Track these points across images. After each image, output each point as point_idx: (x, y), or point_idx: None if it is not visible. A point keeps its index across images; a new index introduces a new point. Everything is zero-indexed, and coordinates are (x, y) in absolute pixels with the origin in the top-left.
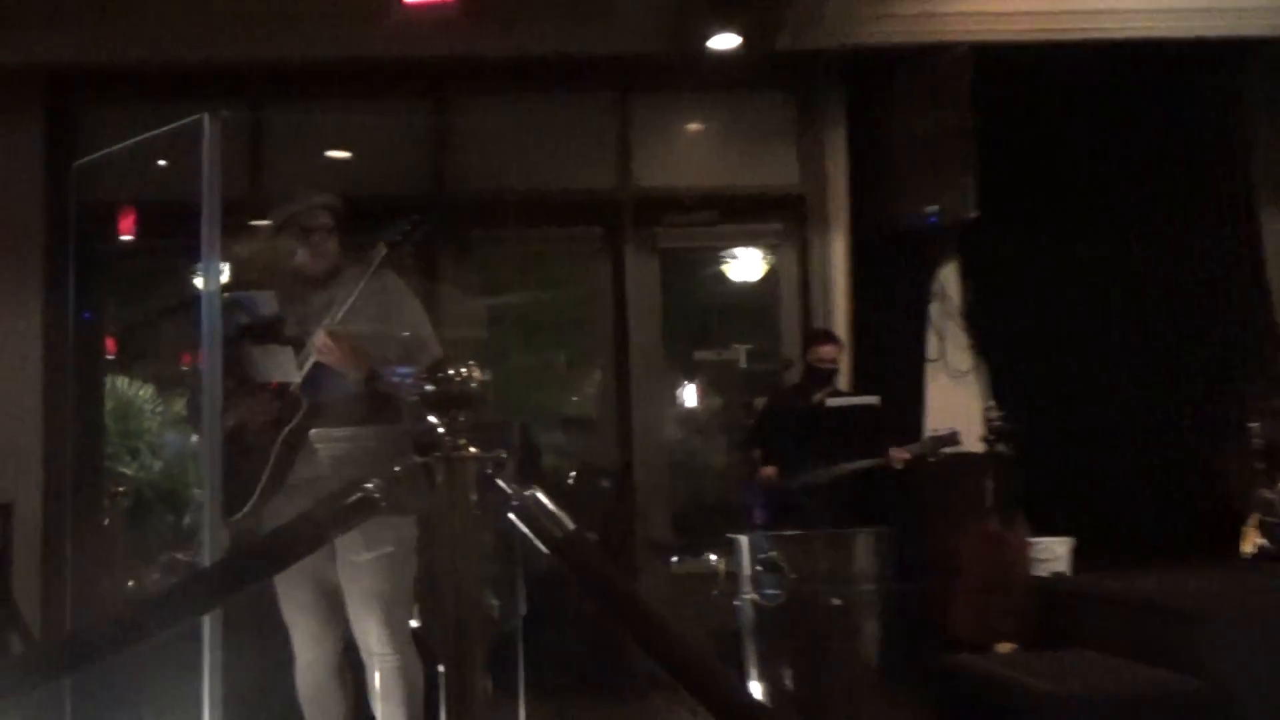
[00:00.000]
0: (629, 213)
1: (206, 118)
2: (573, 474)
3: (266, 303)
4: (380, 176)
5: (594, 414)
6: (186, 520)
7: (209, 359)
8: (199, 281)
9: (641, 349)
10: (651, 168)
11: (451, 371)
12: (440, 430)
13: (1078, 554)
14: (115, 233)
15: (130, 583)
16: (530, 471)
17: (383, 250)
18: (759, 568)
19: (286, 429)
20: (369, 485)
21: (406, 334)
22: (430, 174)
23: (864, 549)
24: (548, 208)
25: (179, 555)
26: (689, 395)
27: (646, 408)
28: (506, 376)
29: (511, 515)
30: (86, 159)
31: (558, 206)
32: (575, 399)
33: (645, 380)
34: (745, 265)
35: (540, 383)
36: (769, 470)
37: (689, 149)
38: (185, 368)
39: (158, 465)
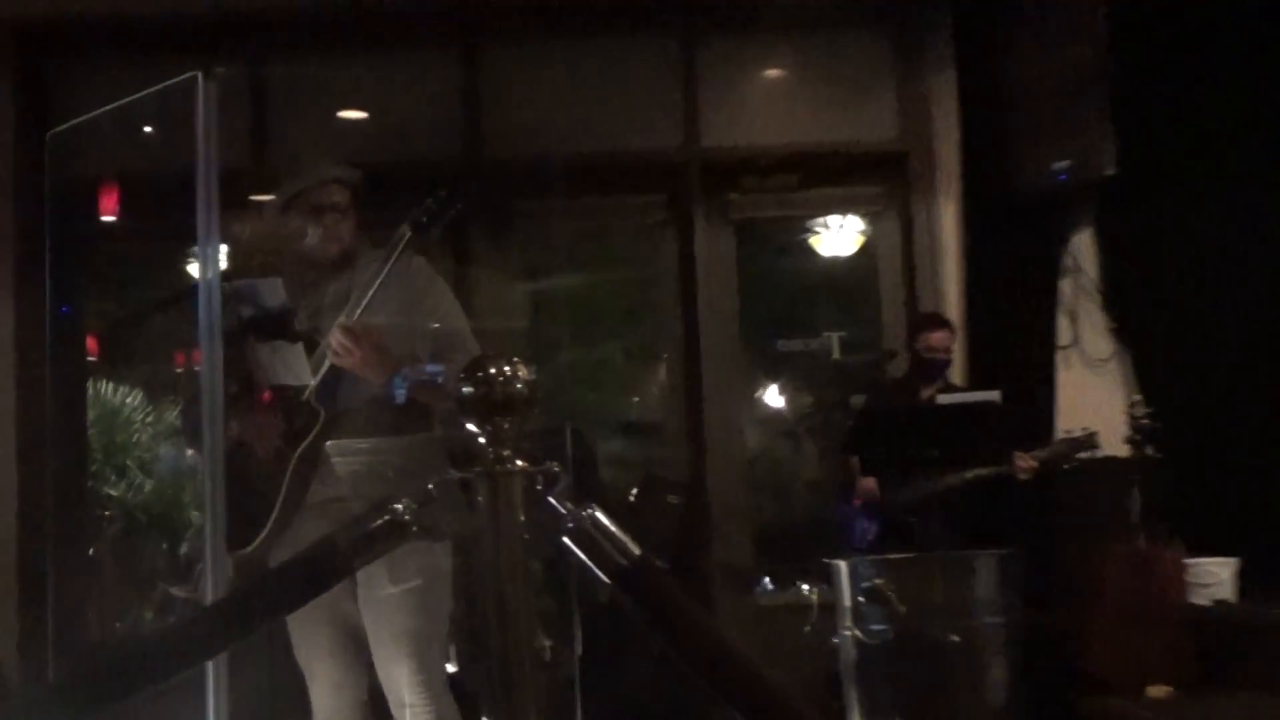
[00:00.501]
0: (697, 178)
1: (200, 77)
2: (635, 489)
3: (272, 292)
4: (403, 142)
5: (659, 417)
6: (183, 550)
7: (208, 359)
8: (194, 268)
9: (714, 339)
10: (723, 124)
11: (493, 370)
12: (481, 440)
13: (1244, 576)
14: (96, 212)
15: (119, 622)
16: (587, 487)
17: (406, 234)
18: (861, 598)
19: (302, 444)
20: (397, 506)
21: (437, 326)
22: (462, 137)
23: (986, 574)
24: (600, 174)
25: (175, 590)
26: (772, 393)
27: (722, 409)
28: (556, 374)
29: (566, 539)
30: (62, 126)
31: (612, 172)
32: (637, 399)
33: (720, 376)
34: (837, 238)
35: (595, 381)
36: (870, 482)
37: (767, 100)
38: (180, 370)
39: (149, 485)
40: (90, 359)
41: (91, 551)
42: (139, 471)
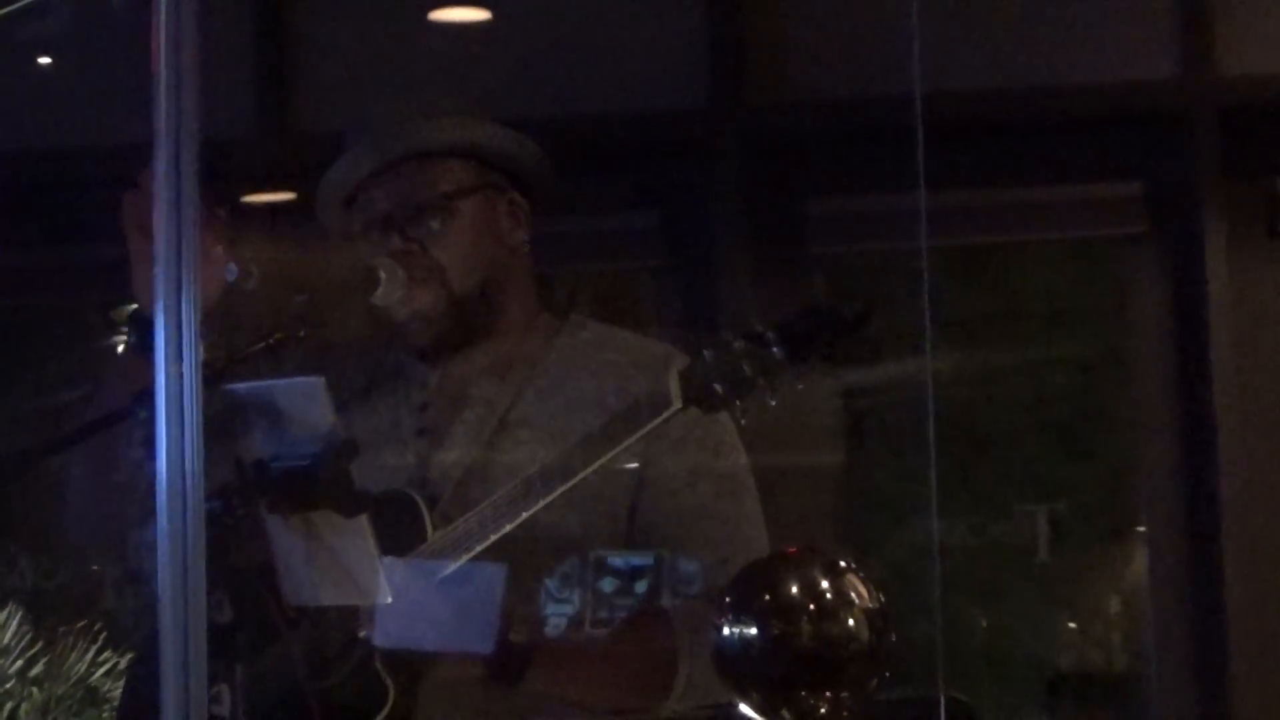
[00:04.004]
0: (1211, 137)
1: None
2: None
3: (308, 406)
4: (585, 72)
5: (1133, 663)
6: None
7: (172, 546)
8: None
9: (1264, 498)
10: (1265, 33)
11: (796, 590)
12: None
13: None
14: None
15: None
16: None
17: (717, 391)
18: None
19: None
20: None
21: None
22: (710, 68)
23: None
24: (997, 136)
25: None
26: None
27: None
28: (904, 570)
29: None
30: None
31: (1024, 132)
32: (1079, 628)
33: (1264, 582)
34: None
35: (990, 584)
36: None
37: None
38: (94, 568)
39: None
40: None
41: None
42: None
